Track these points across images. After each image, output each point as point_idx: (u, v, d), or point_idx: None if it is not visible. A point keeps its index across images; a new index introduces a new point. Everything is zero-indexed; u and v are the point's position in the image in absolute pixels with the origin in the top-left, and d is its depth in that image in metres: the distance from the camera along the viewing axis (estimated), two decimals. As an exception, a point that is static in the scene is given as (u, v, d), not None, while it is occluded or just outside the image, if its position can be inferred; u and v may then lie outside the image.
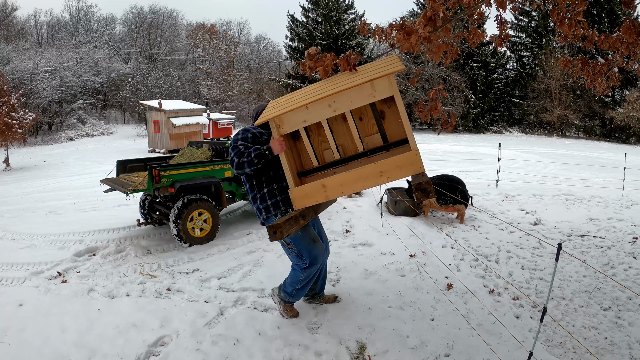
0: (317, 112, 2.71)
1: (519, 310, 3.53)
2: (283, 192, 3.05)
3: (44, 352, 2.97)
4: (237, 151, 2.96)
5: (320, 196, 2.78)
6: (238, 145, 3.00)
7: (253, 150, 2.90)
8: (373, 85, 2.59)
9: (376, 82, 2.58)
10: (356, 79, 2.68)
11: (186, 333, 3.16)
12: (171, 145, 16.95)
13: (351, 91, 2.62)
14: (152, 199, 5.80)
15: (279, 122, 2.79)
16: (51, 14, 53.74)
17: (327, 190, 2.76)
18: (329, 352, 2.95)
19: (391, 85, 2.58)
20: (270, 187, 3.08)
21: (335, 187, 2.74)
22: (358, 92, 2.62)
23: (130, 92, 29.24)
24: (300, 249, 3.11)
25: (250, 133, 3.08)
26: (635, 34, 3.03)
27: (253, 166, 2.91)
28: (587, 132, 25.19)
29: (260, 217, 3.16)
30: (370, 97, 2.63)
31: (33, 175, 12.21)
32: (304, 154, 2.99)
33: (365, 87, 2.60)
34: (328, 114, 2.71)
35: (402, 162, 2.60)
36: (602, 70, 3.66)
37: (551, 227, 5.88)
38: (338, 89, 2.64)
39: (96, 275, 4.27)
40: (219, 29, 39.83)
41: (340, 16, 30.28)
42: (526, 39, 28.38)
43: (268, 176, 3.08)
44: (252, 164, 2.90)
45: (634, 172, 9.37)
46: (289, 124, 2.78)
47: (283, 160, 2.83)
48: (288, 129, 2.80)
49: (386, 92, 2.60)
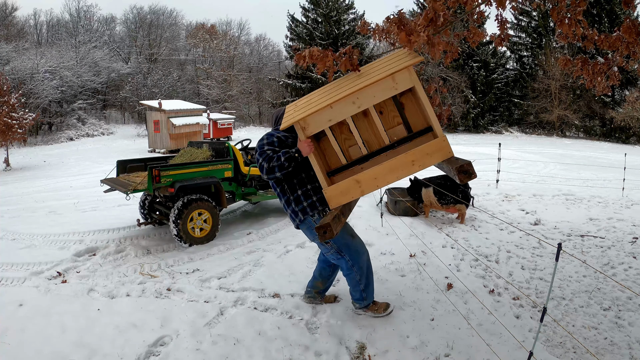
0: (341, 110, 2.74)
1: (519, 310, 3.53)
2: (318, 192, 3.06)
3: (44, 352, 2.97)
4: (265, 156, 2.95)
5: (356, 192, 2.82)
6: (265, 150, 2.99)
7: (282, 154, 2.90)
8: (394, 78, 2.66)
9: (397, 75, 2.65)
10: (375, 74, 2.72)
11: (186, 333, 3.16)
12: (171, 145, 16.95)
13: (374, 86, 2.67)
14: (152, 199, 5.81)
15: (304, 124, 2.81)
16: (51, 14, 53.83)
17: (362, 185, 2.79)
18: (329, 352, 2.95)
19: (411, 77, 2.66)
20: (304, 188, 3.09)
21: (369, 182, 2.77)
22: (380, 87, 2.68)
23: (130, 92, 29.24)
24: (340, 245, 3.14)
25: (275, 137, 3.08)
26: (635, 33, 3.03)
27: (284, 170, 2.91)
28: (587, 132, 25.19)
29: (295, 219, 3.15)
30: (393, 90, 2.69)
31: (33, 175, 12.21)
32: (328, 153, 2.99)
33: (387, 81, 2.66)
34: (353, 111, 2.74)
35: (432, 149, 2.67)
36: (602, 69, 3.66)
37: (551, 227, 5.88)
38: (360, 85, 2.68)
39: (96, 275, 4.28)
40: (219, 29, 39.82)
41: (340, 16, 30.28)
42: (526, 39, 28.37)
43: (300, 178, 3.09)
44: (282, 168, 2.90)
45: (634, 172, 9.36)
46: (315, 124, 2.80)
47: (313, 161, 2.85)
48: (314, 129, 2.82)
49: (407, 83, 2.68)
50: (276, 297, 3.75)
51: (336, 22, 29.98)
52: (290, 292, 3.83)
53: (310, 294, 3.58)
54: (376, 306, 3.35)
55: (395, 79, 2.66)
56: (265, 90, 36.95)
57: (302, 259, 4.61)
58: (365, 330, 3.17)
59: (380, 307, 3.35)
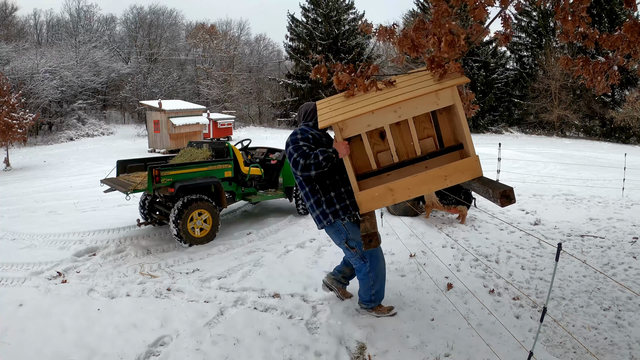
0: (382, 117, 2.80)
1: (519, 310, 3.53)
2: (350, 196, 3.03)
3: (44, 352, 2.97)
4: (301, 152, 2.92)
5: (388, 199, 2.87)
6: (301, 145, 2.96)
7: (320, 153, 2.87)
8: (438, 94, 2.77)
9: (441, 92, 2.76)
10: (420, 88, 2.82)
11: (186, 333, 3.16)
12: (171, 145, 16.94)
13: (417, 99, 2.77)
14: (152, 199, 5.81)
15: (342, 126, 2.83)
16: (51, 14, 53.80)
17: (394, 194, 2.84)
18: (329, 352, 2.95)
19: (454, 95, 2.77)
20: (337, 190, 3.06)
21: (402, 191, 2.84)
22: (423, 101, 2.78)
23: (130, 92, 29.23)
24: (364, 252, 3.14)
25: (310, 134, 3.06)
26: (637, 32, 3.02)
27: (320, 169, 2.88)
28: (587, 132, 25.19)
29: (323, 221, 3.11)
30: (434, 105, 2.80)
31: (33, 175, 12.21)
32: (355, 156, 3.00)
33: (431, 96, 2.77)
34: (393, 119, 2.81)
35: (464, 167, 2.80)
36: (603, 69, 3.66)
37: (551, 227, 5.88)
38: (405, 97, 2.77)
39: (96, 275, 4.27)
40: (219, 29, 39.82)
41: (340, 16, 30.27)
42: (526, 39, 28.37)
43: (334, 180, 3.07)
44: (319, 167, 2.87)
45: (634, 172, 9.36)
46: (353, 127, 2.83)
47: (347, 164, 2.87)
48: (351, 132, 2.85)
49: (449, 101, 2.79)
50: (276, 297, 3.75)
51: (336, 22, 29.97)
52: (290, 292, 3.83)
53: (337, 276, 3.57)
54: (380, 308, 3.39)
55: (439, 95, 2.76)
56: (265, 90, 36.94)
57: (302, 259, 4.61)
58: (365, 330, 3.17)
59: (384, 309, 3.38)
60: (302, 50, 29.91)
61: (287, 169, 6.32)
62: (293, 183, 6.29)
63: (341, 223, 3.08)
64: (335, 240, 3.25)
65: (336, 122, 2.79)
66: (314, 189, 3.08)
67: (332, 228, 3.14)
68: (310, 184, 3.09)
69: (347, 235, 3.12)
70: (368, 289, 3.26)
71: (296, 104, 30.36)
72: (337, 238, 3.18)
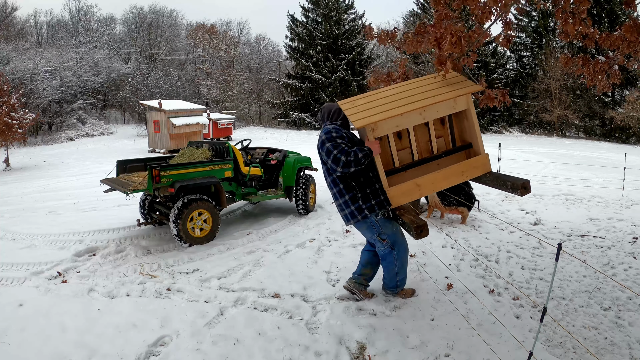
0: (409, 119, 3.10)
1: (519, 310, 3.53)
2: (383, 192, 3.21)
3: (44, 352, 2.97)
4: (341, 149, 3.02)
5: (416, 194, 3.16)
6: (339, 143, 3.06)
7: (358, 150, 3.00)
8: (456, 100, 3.14)
9: (459, 98, 3.13)
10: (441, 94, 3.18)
11: (186, 333, 3.16)
12: (171, 145, 16.94)
13: (439, 104, 3.12)
14: (152, 199, 5.80)
15: (374, 127, 3.04)
16: (51, 14, 53.69)
17: (421, 188, 3.13)
18: (329, 352, 2.95)
19: (468, 101, 3.16)
20: (372, 187, 3.22)
21: (428, 185, 3.13)
22: (444, 105, 3.13)
23: (130, 92, 29.23)
24: (393, 242, 3.36)
25: (343, 132, 3.19)
26: (636, 32, 3.03)
27: (359, 166, 3.01)
28: (587, 132, 25.19)
29: (358, 216, 3.22)
30: (452, 109, 3.16)
31: (33, 175, 12.20)
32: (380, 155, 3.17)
33: (450, 102, 3.13)
34: (418, 121, 3.12)
35: (477, 163, 3.19)
36: (603, 68, 3.66)
37: (551, 227, 5.88)
38: (429, 101, 3.10)
39: (96, 275, 4.27)
40: (219, 29, 39.81)
41: (340, 16, 30.27)
42: (526, 39, 28.38)
43: (367, 177, 3.21)
44: (358, 164, 2.99)
45: (634, 172, 9.37)
46: (383, 128, 3.07)
47: (378, 162, 3.09)
48: (381, 132, 3.08)
49: (464, 105, 3.17)
50: (276, 297, 3.75)
51: (336, 22, 29.97)
52: (290, 292, 3.83)
53: (358, 280, 3.68)
54: (404, 292, 3.65)
55: (457, 101, 3.13)
56: (265, 90, 36.95)
57: (302, 259, 4.61)
58: (365, 330, 3.17)
59: (407, 292, 3.66)
60: (302, 50, 29.92)
61: (287, 169, 6.32)
62: (293, 183, 6.29)
63: (374, 218, 3.24)
64: (367, 234, 3.44)
65: (373, 122, 3.00)
66: (349, 186, 3.21)
67: (364, 224, 3.29)
68: (345, 181, 3.20)
69: (379, 230, 3.30)
70: (394, 276, 3.49)
71: (296, 104, 30.37)
72: (370, 232, 3.35)
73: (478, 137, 3.20)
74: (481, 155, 3.20)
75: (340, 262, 4.49)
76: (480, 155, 3.19)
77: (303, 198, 6.36)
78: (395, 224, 3.41)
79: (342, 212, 3.32)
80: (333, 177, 3.25)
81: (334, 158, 3.01)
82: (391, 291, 3.63)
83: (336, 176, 3.21)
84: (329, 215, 6.34)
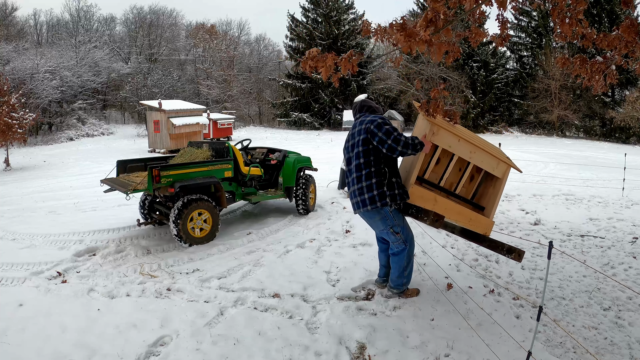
0: (460, 148, 3.37)
1: (518, 310, 3.53)
2: (404, 187, 3.36)
3: (44, 352, 2.97)
4: (398, 133, 3.20)
5: (429, 205, 3.33)
6: (391, 130, 3.22)
7: (415, 139, 3.19)
8: (499, 164, 3.48)
9: (501, 163, 3.49)
10: (492, 150, 3.55)
11: (186, 333, 3.16)
12: (171, 145, 16.94)
13: (486, 155, 3.44)
14: (152, 199, 5.80)
15: (436, 131, 3.28)
16: (51, 14, 53.80)
17: (435, 205, 3.32)
18: (329, 352, 2.95)
19: (506, 172, 3.50)
20: (398, 178, 3.37)
21: (441, 207, 3.34)
22: (488, 160, 3.45)
23: (130, 92, 29.23)
24: (405, 236, 3.47)
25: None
26: (634, 32, 3.03)
27: (414, 151, 3.18)
28: (587, 132, 25.18)
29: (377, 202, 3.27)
30: (491, 168, 3.49)
31: (33, 175, 12.21)
32: (420, 160, 3.35)
33: (495, 160, 3.46)
34: (464, 155, 3.40)
35: (483, 222, 3.48)
36: (600, 68, 3.66)
37: (551, 227, 5.88)
38: (482, 148, 3.42)
39: (96, 275, 4.27)
40: (219, 29, 39.83)
41: (340, 16, 30.29)
42: (526, 39, 28.37)
43: (397, 168, 3.42)
44: (414, 148, 3.17)
45: (634, 172, 9.36)
46: (441, 139, 3.32)
47: (420, 160, 3.30)
48: (437, 140, 3.31)
49: (500, 174, 3.51)
50: (276, 297, 3.75)
51: (336, 22, 29.98)
52: (290, 292, 3.83)
53: (386, 282, 3.81)
54: (409, 292, 3.69)
55: (499, 165, 3.48)
56: (265, 90, 36.96)
57: (302, 259, 4.61)
58: (365, 330, 3.17)
59: (413, 292, 3.71)
60: (302, 50, 29.92)
61: (287, 169, 6.32)
62: (293, 183, 6.29)
63: (388, 210, 3.32)
64: (379, 226, 3.46)
65: (438, 124, 3.24)
66: (380, 172, 3.29)
67: (378, 215, 3.34)
68: (377, 166, 3.29)
69: (393, 222, 3.39)
70: (401, 273, 3.55)
71: (296, 104, 30.39)
72: (383, 224, 3.40)
73: (495, 205, 3.53)
74: (489, 219, 3.50)
75: (340, 262, 4.49)
76: (487, 219, 3.50)
77: (303, 198, 6.36)
78: (404, 219, 3.50)
79: (360, 197, 3.35)
80: (360, 162, 3.32)
81: (395, 138, 3.17)
82: (397, 290, 3.64)
83: (372, 159, 3.29)
84: (329, 215, 6.34)
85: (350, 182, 3.49)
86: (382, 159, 3.31)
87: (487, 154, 3.41)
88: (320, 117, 30.03)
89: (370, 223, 3.53)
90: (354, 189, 3.42)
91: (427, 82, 25.68)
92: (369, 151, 3.30)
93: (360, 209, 3.37)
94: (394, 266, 3.58)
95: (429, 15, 2.85)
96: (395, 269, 3.58)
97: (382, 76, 28.49)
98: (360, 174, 3.34)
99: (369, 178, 3.30)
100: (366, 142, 3.31)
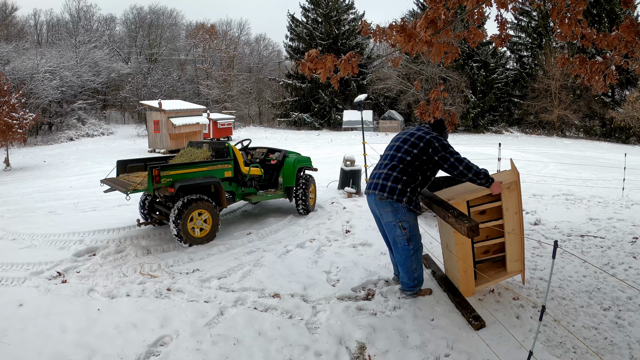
0: (510, 201, 3.46)
1: (519, 310, 3.53)
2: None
3: (44, 352, 2.97)
4: (464, 158, 3.34)
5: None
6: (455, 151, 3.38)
7: (486, 172, 3.32)
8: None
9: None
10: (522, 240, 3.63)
11: (186, 333, 3.16)
12: (171, 145, 16.94)
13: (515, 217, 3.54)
14: (152, 199, 5.80)
15: (510, 186, 3.42)
16: (51, 14, 53.72)
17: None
18: (329, 352, 2.95)
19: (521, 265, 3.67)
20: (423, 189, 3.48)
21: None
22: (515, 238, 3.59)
23: (130, 92, 29.23)
24: (412, 234, 3.46)
25: None
26: (634, 32, 3.03)
27: (475, 178, 3.28)
28: (587, 132, 25.19)
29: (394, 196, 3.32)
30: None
31: (33, 175, 12.21)
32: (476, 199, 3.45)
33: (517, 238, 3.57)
34: (510, 210, 3.49)
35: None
36: (600, 68, 3.66)
37: (551, 227, 5.87)
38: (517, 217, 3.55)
39: (96, 275, 4.27)
40: (219, 29, 39.83)
41: (340, 16, 30.30)
42: (526, 39, 28.37)
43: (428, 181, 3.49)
44: (476, 175, 3.27)
45: (634, 172, 9.37)
46: (509, 186, 3.44)
47: (484, 193, 3.39)
48: (502, 180, 3.46)
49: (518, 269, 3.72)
50: (276, 297, 3.75)
51: (336, 22, 30.00)
52: (290, 292, 3.83)
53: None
54: (422, 292, 3.69)
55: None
56: (265, 90, 36.95)
57: (302, 259, 4.61)
58: (365, 330, 3.17)
59: (426, 292, 3.72)
60: (302, 50, 29.93)
61: (287, 169, 6.32)
62: (293, 183, 6.29)
63: (401, 206, 3.35)
64: (389, 217, 3.45)
65: (509, 174, 3.56)
66: (414, 177, 3.38)
67: (391, 205, 3.37)
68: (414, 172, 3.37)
69: (402, 217, 3.39)
70: (411, 273, 3.54)
71: (296, 104, 30.39)
72: (393, 216, 3.41)
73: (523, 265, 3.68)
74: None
75: (340, 262, 4.49)
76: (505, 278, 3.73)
77: (303, 198, 6.36)
78: (416, 219, 3.52)
79: (382, 181, 3.39)
80: (404, 158, 3.38)
81: (457, 158, 3.30)
82: (410, 291, 3.62)
83: (415, 164, 3.36)
84: (329, 215, 6.33)
85: (379, 166, 3.52)
86: (421, 171, 3.39)
87: (515, 215, 3.53)
88: (320, 117, 30.03)
89: (379, 213, 3.52)
90: (380, 172, 3.45)
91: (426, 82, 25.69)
92: (417, 159, 3.37)
93: (376, 191, 3.40)
94: (402, 269, 3.58)
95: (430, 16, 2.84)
96: (404, 272, 3.57)
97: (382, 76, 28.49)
98: (396, 166, 3.39)
99: (402, 173, 3.36)
100: (423, 152, 3.38)
